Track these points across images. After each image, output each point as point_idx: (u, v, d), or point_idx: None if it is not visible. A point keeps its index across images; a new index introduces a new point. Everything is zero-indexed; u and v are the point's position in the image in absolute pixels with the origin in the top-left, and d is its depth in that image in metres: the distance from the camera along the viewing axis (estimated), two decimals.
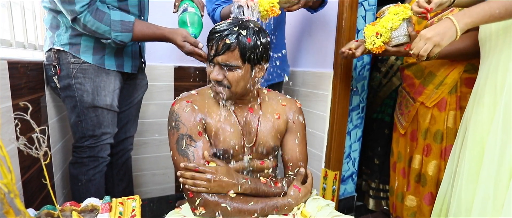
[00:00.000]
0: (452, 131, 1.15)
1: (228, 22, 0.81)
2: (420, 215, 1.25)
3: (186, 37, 1.08)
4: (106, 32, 1.01)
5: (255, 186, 0.84)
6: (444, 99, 1.17)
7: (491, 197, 0.72)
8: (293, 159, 0.95)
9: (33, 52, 1.20)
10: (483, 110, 0.79)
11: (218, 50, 0.79)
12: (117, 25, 1.01)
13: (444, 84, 1.16)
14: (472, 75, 1.10)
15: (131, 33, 1.04)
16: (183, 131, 0.83)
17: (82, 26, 0.99)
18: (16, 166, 0.86)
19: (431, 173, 1.19)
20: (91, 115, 1.11)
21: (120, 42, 1.04)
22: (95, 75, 1.08)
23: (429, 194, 1.21)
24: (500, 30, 0.78)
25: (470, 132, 0.82)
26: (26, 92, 0.95)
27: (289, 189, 0.88)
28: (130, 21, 1.04)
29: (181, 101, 0.86)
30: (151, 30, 1.08)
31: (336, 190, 1.64)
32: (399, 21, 1.00)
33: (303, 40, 1.81)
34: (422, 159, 1.23)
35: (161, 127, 1.82)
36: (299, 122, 0.97)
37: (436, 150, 1.18)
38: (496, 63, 0.78)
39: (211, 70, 0.83)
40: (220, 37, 0.78)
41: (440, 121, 1.17)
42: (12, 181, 0.49)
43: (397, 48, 1.05)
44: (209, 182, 0.78)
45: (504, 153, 0.71)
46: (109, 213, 0.72)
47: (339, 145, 1.59)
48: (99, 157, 1.17)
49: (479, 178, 0.76)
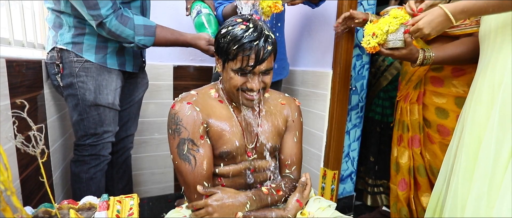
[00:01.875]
0: (416, 122, 1.23)
1: (244, 26, 0.77)
2: (399, 202, 1.31)
3: (210, 40, 1.12)
4: (130, 36, 1.04)
5: (259, 200, 0.83)
6: (408, 93, 1.27)
7: (485, 195, 0.72)
8: (290, 157, 0.95)
9: (32, 51, 1.20)
10: (481, 108, 0.79)
11: (259, 58, 0.76)
12: (140, 29, 1.05)
13: (411, 81, 1.24)
14: (437, 74, 1.16)
15: (153, 37, 1.08)
16: (185, 135, 0.80)
17: (107, 30, 1.01)
18: (14, 164, 0.87)
19: (403, 161, 1.28)
20: (93, 114, 1.11)
21: (142, 46, 1.08)
22: (97, 73, 1.09)
23: (402, 180, 1.29)
24: (499, 28, 0.77)
25: (467, 129, 0.82)
26: (25, 90, 0.96)
27: (291, 199, 0.87)
28: (152, 26, 1.08)
29: (181, 102, 0.83)
30: (174, 36, 1.12)
31: (335, 189, 1.64)
32: (396, 25, 1.01)
33: (302, 40, 1.81)
34: (397, 149, 1.32)
35: (161, 126, 1.82)
36: (298, 121, 0.97)
37: (405, 140, 1.28)
38: (495, 61, 0.78)
39: (244, 79, 0.79)
40: (259, 45, 0.75)
41: (405, 113, 1.27)
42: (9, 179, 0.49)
43: (391, 52, 1.06)
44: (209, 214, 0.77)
45: (500, 151, 0.71)
46: (106, 211, 0.72)
47: (338, 144, 1.59)
48: (101, 155, 1.17)
49: (474, 175, 0.76)
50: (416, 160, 1.23)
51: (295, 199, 0.86)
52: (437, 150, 1.15)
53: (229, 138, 0.85)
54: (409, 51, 1.03)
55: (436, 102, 1.16)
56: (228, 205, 0.78)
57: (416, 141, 1.23)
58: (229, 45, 0.76)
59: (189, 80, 1.84)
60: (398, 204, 1.31)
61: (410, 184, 1.26)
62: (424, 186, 1.21)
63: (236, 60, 0.77)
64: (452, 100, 1.12)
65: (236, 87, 0.80)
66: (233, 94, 0.83)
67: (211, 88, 0.91)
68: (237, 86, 0.80)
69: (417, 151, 1.23)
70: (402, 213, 1.29)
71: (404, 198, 1.27)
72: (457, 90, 1.11)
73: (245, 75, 0.79)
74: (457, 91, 1.11)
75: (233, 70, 0.79)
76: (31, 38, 1.20)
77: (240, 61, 0.76)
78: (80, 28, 1.06)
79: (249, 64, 0.76)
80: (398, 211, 1.32)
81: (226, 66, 0.81)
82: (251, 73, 0.78)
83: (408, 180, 1.26)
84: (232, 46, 0.76)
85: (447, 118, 1.13)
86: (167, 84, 1.79)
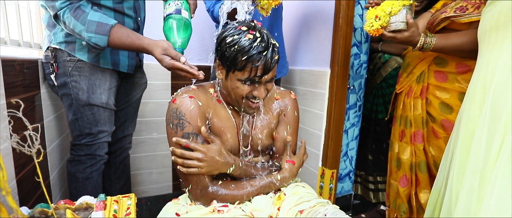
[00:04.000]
0: (419, 117, 1.21)
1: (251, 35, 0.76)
2: (399, 199, 1.30)
3: (167, 49, 0.95)
4: (82, 32, 0.96)
5: (245, 169, 0.85)
6: (411, 88, 1.24)
7: (476, 189, 0.74)
8: (280, 150, 0.95)
9: (29, 50, 1.19)
10: (474, 106, 0.81)
11: (268, 68, 0.76)
12: (92, 26, 0.95)
13: (413, 73, 1.23)
14: (441, 69, 1.16)
15: (106, 37, 0.97)
16: (189, 129, 0.79)
17: (62, 23, 0.96)
18: (11, 164, 0.86)
19: (405, 157, 1.26)
20: (87, 113, 1.10)
21: (94, 45, 0.97)
22: (90, 73, 1.08)
23: (403, 176, 1.27)
24: (493, 27, 0.79)
25: (462, 127, 0.84)
26: (21, 90, 0.95)
27: (283, 163, 0.89)
28: (107, 24, 0.97)
29: (183, 96, 0.82)
30: (130, 39, 1.00)
31: (333, 188, 1.64)
32: (398, 7, 1.02)
33: (300, 39, 1.81)
34: (398, 145, 1.30)
35: (158, 126, 1.81)
36: (291, 115, 0.96)
37: (408, 135, 1.25)
38: (488, 59, 0.79)
39: (251, 88, 0.80)
40: (267, 56, 0.75)
41: (408, 108, 1.24)
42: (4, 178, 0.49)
43: (394, 34, 1.06)
44: (199, 161, 0.77)
45: (490, 147, 0.72)
46: (103, 211, 0.71)
47: (336, 143, 1.59)
48: (97, 155, 1.16)
49: (466, 170, 0.78)
50: (417, 156, 1.22)
51: (286, 160, 0.89)
52: (443, 145, 1.14)
53: (226, 138, 0.86)
54: (411, 33, 1.04)
55: (440, 97, 1.16)
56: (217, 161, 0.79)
57: (419, 137, 1.21)
58: (237, 55, 0.75)
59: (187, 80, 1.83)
60: (398, 200, 1.31)
61: (412, 180, 1.25)
62: (423, 182, 1.21)
63: (244, 71, 0.77)
64: (456, 95, 1.11)
65: (242, 96, 0.80)
66: (237, 102, 0.83)
67: (210, 87, 0.91)
68: (243, 95, 0.80)
69: (420, 147, 1.21)
70: (401, 209, 1.29)
71: (406, 194, 1.27)
72: (461, 86, 1.10)
73: (251, 84, 0.79)
74: (461, 87, 1.10)
75: (239, 79, 0.78)
76: (27, 38, 1.20)
77: (249, 71, 0.76)
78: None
79: (257, 74, 0.76)
80: (397, 207, 1.32)
81: (231, 75, 0.80)
82: (253, 81, 0.79)
83: (410, 176, 1.25)
84: (240, 57, 0.75)
85: (451, 113, 1.12)
86: (165, 84, 1.79)
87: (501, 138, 0.70)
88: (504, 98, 0.71)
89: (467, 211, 0.75)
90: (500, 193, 0.67)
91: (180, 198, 0.91)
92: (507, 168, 0.67)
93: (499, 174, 0.68)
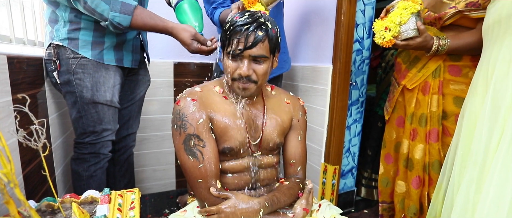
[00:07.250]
0: (435, 114, 1.17)
1: (247, 14, 0.80)
2: (408, 199, 1.28)
3: (196, 34, 1.03)
4: (105, 11, 0.96)
5: (271, 205, 0.83)
6: (427, 83, 1.19)
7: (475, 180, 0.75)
8: (295, 156, 0.96)
9: (33, 48, 1.20)
10: (476, 99, 0.82)
11: (248, 43, 0.77)
12: (117, 5, 0.96)
13: (427, 68, 1.19)
14: (455, 63, 1.14)
15: (130, 16, 0.99)
16: (191, 131, 0.81)
17: (82, 3, 0.95)
18: (17, 160, 0.87)
19: (418, 157, 1.21)
20: (91, 111, 1.10)
21: (117, 25, 0.98)
22: (94, 70, 1.07)
23: (416, 178, 1.23)
24: (495, 22, 0.80)
25: (465, 121, 0.85)
26: (26, 87, 0.96)
27: (297, 205, 0.87)
28: (131, 4, 0.99)
29: (185, 99, 0.84)
30: (154, 21, 1.03)
31: (335, 184, 1.64)
32: (407, 16, 1.03)
33: (302, 35, 1.81)
34: (409, 144, 1.25)
35: (162, 123, 1.83)
36: (303, 121, 0.98)
37: (421, 134, 1.20)
38: (489, 54, 0.80)
39: (236, 65, 0.80)
40: (249, 29, 0.77)
41: (424, 105, 1.19)
42: (12, 171, 0.50)
43: (406, 42, 1.07)
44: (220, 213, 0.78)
45: (490, 140, 0.73)
46: (108, 205, 0.73)
47: (339, 139, 1.59)
48: (100, 154, 1.16)
49: (468, 162, 0.79)
50: (432, 155, 1.19)
51: (303, 206, 0.87)
52: None
53: (232, 134, 0.85)
54: (424, 38, 1.04)
55: (454, 91, 1.14)
56: (241, 211, 0.78)
57: (434, 135, 1.17)
58: (226, 32, 0.80)
59: (190, 77, 1.85)
60: (407, 201, 1.28)
61: (424, 181, 1.22)
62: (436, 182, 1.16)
63: (230, 45, 0.80)
64: None
65: (231, 76, 0.82)
66: (232, 86, 0.85)
67: (216, 85, 0.91)
68: (230, 74, 0.82)
69: (435, 146, 1.17)
70: (411, 211, 1.25)
71: (418, 196, 1.23)
72: None
73: (235, 60, 0.81)
74: None
75: (226, 54, 0.82)
76: (31, 36, 1.21)
77: (232, 44, 0.79)
78: (75, 23, 1.03)
79: (238, 47, 0.78)
80: (406, 208, 1.28)
81: (225, 55, 0.83)
82: (240, 57, 0.80)
83: (423, 176, 1.21)
84: (227, 31, 0.79)
85: None
86: (168, 81, 1.80)
87: (501, 130, 0.71)
88: (504, 91, 0.72)
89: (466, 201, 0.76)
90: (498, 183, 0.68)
91: (187, 209, 0.91)
92: (506, 159, 0.68)
93: (498, 164, 0.69)
